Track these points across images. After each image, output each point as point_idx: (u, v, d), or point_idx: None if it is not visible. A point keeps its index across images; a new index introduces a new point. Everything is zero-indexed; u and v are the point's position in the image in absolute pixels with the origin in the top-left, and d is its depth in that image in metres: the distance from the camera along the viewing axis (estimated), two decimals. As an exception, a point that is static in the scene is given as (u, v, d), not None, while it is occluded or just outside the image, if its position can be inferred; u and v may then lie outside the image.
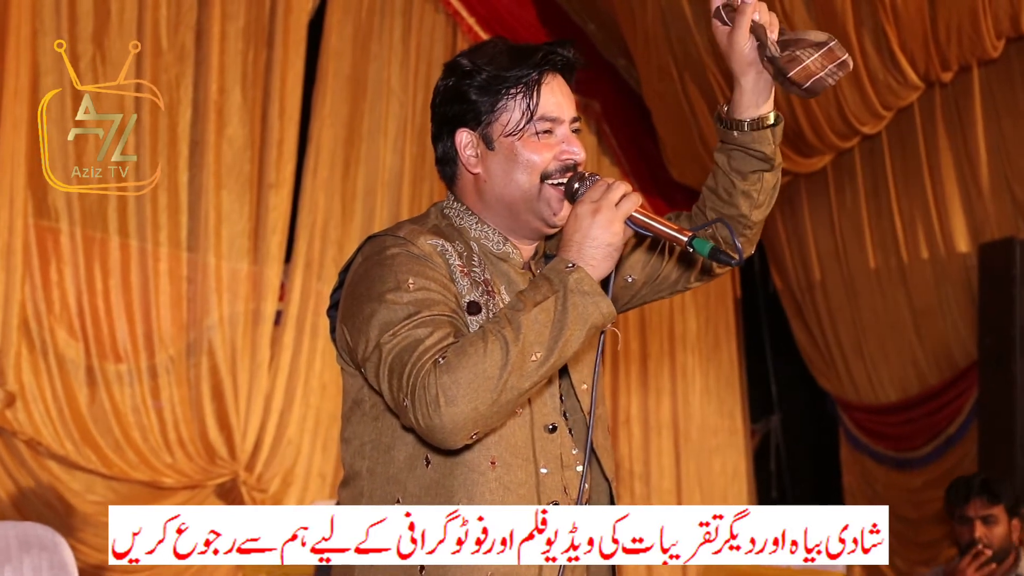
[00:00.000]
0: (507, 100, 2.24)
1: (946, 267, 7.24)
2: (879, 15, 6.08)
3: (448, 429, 1.98)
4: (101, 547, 4.70)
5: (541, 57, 2.28)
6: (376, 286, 2.11)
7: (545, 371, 2.03)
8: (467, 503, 2.11)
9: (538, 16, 6.91)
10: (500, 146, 2.25)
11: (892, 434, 7.54)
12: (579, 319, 2.04)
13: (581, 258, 2.07)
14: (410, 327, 2.03)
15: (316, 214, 5.62)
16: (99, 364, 4.78)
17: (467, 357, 1.97)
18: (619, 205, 2.10)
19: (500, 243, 2.28)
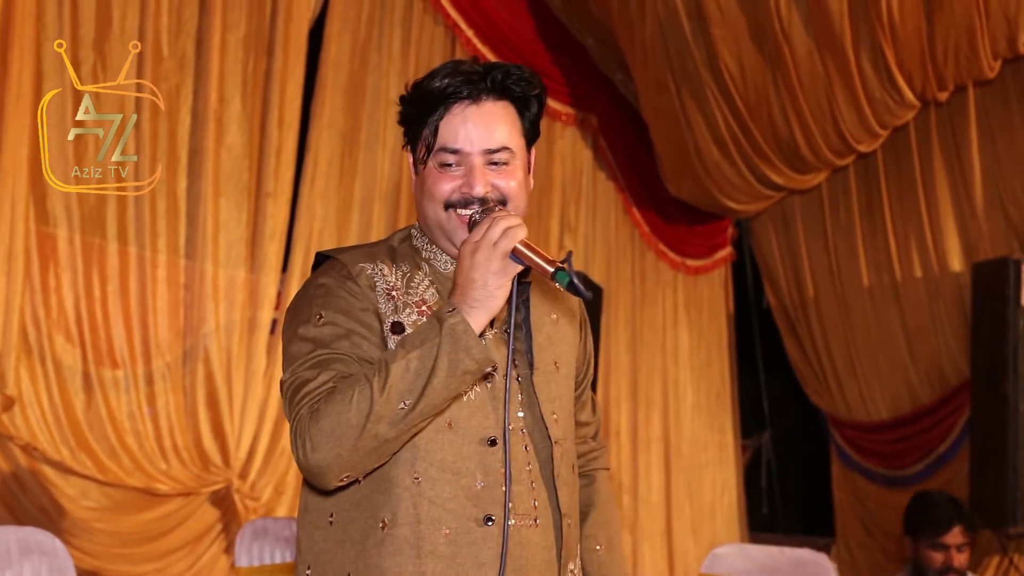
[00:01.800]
0: (419, 127, 2.30)
1: (939, 286, 7.29)
2: (877, 34, 6.12)
3: (314, 472, 2.11)
4: (95, 553, 4.70)
5: (449, 84, 2.27)
6: (295, 319, 2.27)
7: (414, 418, 2.08)
8: (390, 517, 2.17)
9: (536, 29, 6.95)
10: (419, 172, 2.33)
11: (884, 452, 7.58)
12: (449, 366, 2.06)
13: (464, 300, 2.09)
14: (304, 367, 2.16)
15: (313, 223, 5.63)
16: (96, 370, 4.77)
17: (333, 405, 2.06)
18: (498, 243, 2.08)
19: (447, 262, 2.33)
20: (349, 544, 2.18)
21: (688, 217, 7.75)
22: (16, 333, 4.48)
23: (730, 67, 6.49)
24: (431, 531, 2.17)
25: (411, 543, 2.16)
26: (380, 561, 2.15)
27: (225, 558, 5.07)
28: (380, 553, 2.16)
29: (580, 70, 7.24)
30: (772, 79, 6.49)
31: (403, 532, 2.16)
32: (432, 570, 2.16)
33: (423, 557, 2.16)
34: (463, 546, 2.18)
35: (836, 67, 6.34)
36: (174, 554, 5.00)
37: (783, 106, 6.58)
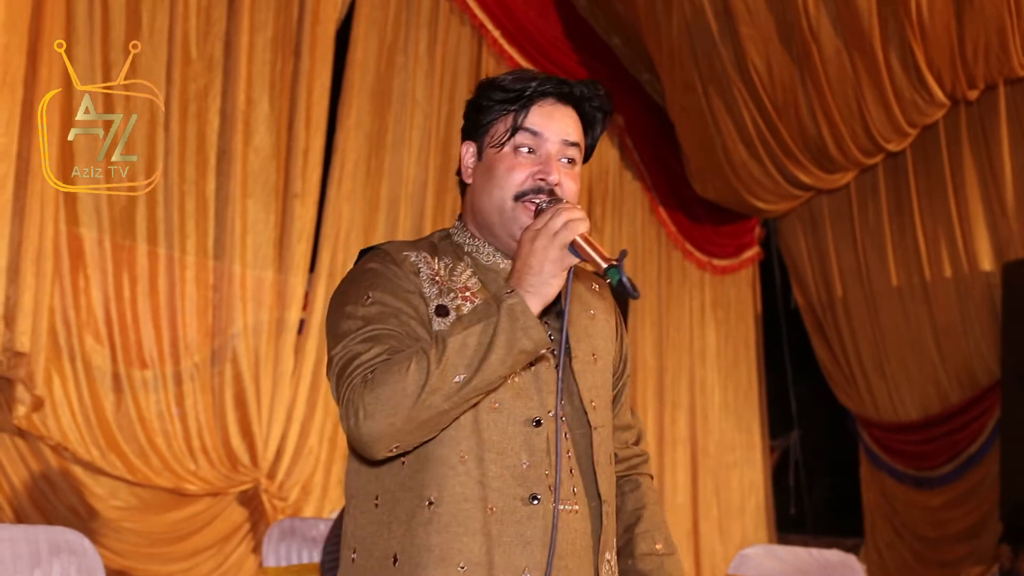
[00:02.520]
0: (501, 114, 2.31)
1: (969, 285, 7.27)
2: (906, 32, 6.11)
3: (365, 441, 2.09)
4: (124, 552, 4.74)
5: (544, 80, 2.32)
6: (342, 300, 2.24)
7: (468, 392, 2.09)
8: (437, 495, 2.16)
9: (563, 30, 6.95)
10: (486, 157, 2.32)
11: (912, 452, 7.56)
12: (505, 344, 2.08)
13: (521, 284, 2.12)
14: (355, 341, 2.15)
15: (340, 224, 5.65)
16: (125, 371, 4.81)
17: (390, 374, 2.06)
18: (559, 233, 2.11)
19: (490, 255, 2.35)
20: (396, 524, 2.18)
21: (715, 217, 7.75)
22: (46, 334, 4.51)
23: (758, 66, 6.49)
24: (477, 509, 2.17)
25: (458, 520, 2.16)
26: (427, 539, 2.15)
27: (253, 558, 5.10)
28: (427, 531, 2.15)
29: (606, 70, 7.24)
30: (800, 78, 6.48)
31: (449, 510, 2.16)
32: (478, 547, 2.16)
33: (470, 535, 2.16)
34: (509, 524, 2.19)
35: (865, 66, 6.32)
36: (202, 554, 5.03)
37: (811, 105, 6.57)
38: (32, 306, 4.43)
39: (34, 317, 4.43)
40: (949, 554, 7.18)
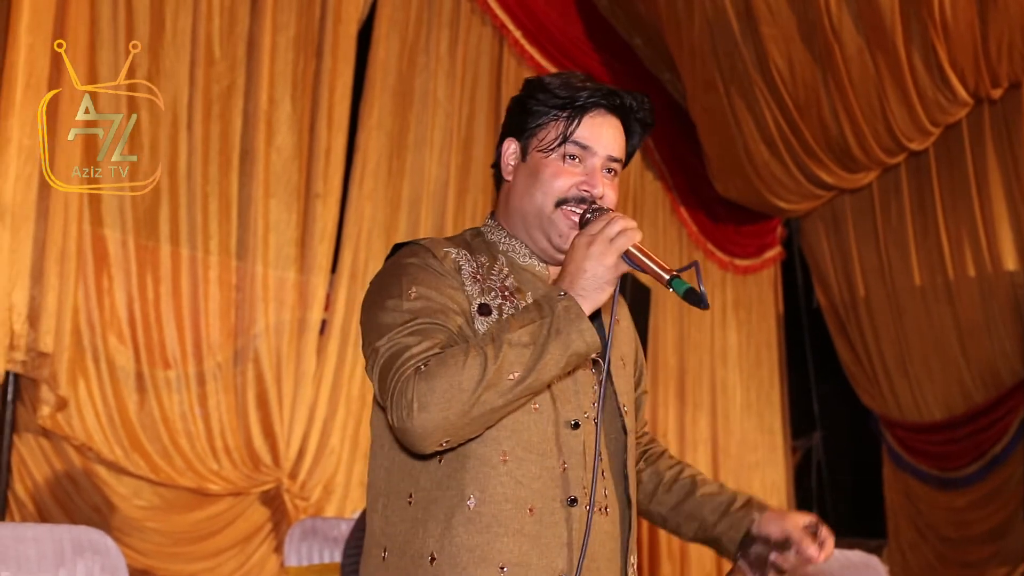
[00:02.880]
0: (551, 119, 2.33)
1: (993, 285, 7.25)
2: (929, 31, 6.09)
3: (417, 433, 2.05)
4: (147, 551, 4.76)
5: (595, 90, 2.33)
6: (383, 293, 2.21)
7: (521, 390, 2.08)
8: (479, 495, 2.16)
9: (584, 30, 6.96)
10: (531, 159, 2.34)
11: (937, 453, 7.55)
12: (560, 345, 2.09)
13: (573, 287, 2.12)
14: (403, 334, 2.12)
15: (362, 224, 5.67)
16: (149, 371, 4.82)
17: (446, 368, 2.04)
18: (615, 240, 2.13)
19: (526, 256, 2.35)
20: (432, 523, 2.16)
21: (736, 217, 7.74)
22: (69, 334, 4.53)
23: (779, 66, 6.48)
24: (518, 510, 2.17)
25: (499, 521, 2.16)
26: (467, 539, 2.14)
27: (275, 557, 5.11)
28: (467, 531, 2.15)
29: (627, 70, 7.25)
30: (822, 78, 6.48)
31: (491, 510, 2.16)
32: (519, 548, 2.16)
33: (510, 535, 2.16)
34: (548, 526, 2.20)
35: (887, 65, 6.31)
36: (224, 553, 5.05)
37: (833, 105, 6.57)
38: (56, 307, 4.45)
39: (57, 318, 4.45)
40: (973, 555, 7.17)
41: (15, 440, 4.48)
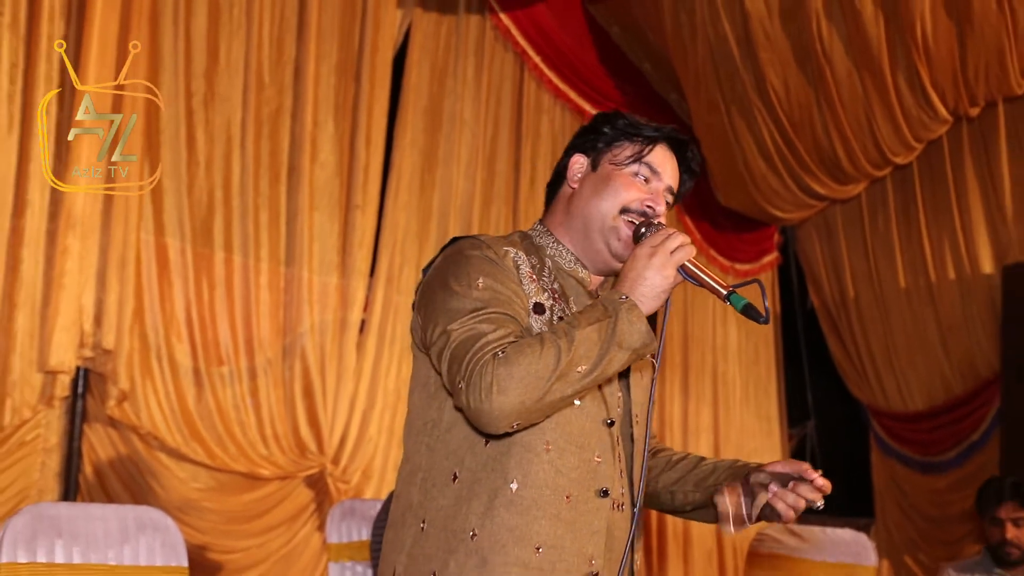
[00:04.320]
0: (626, 140, 2.34)
1: (971, 287, 7.22)
2: (912, 55, 6.08)
3: (495, 415, 2.03)
4: (204, 529, 4.79)
5: (668, 129, 2.37)
6: (451, 281, 2.17)
7: (587, 383, 2.09)
8: (522, 479, 2.15)
9: (598, 56, 6.96)
10: (602, 169, 2.34)
11: (919, 440, 7.52)
12: (624, 344, 2.09)
13: (633, 293, 2.13)
14: (476, 320, 2.10)
15: (396, 233, 5.69)
16: (205, 366, 4.86)
17: (524, 356, 2.02)
18: (674, 253, 2.14)
19: (571, 262, 2.34)
20: (476, 502, 2.14)
21: (737, 225, 7.72)
22: (134, 334, 4.56)
23: (776, 88, 6.47)
24: (556, 496, 2.16)
25: (538, 505, 2.15)
26: (508, 519, 2.13)
27: (318, 535, 5.13)
28: (508, 512, 2.13)
29: (638, 92, 7.24)
30: (815, 98, 6.47)
31: (531, 494, 2.14)
32: (554, 532, 2.15)
33: (548, 519, 2.15)
34: (582, 513, 2.19)
35: (874, 86, 6.30)
36: (273, 531, 5.07)
37: (825, 122, 6.55)
38: (118, 308, 4.49)
39: (119, 318, 4.48)
40: (952, 533, 7.14)
41: (85, 429, 4.51)
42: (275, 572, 5.03)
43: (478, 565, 2.12)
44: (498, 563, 2.12)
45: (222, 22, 5.01)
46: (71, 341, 4.33)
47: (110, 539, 3.21)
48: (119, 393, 4.49)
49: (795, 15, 6.20)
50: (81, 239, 4.36)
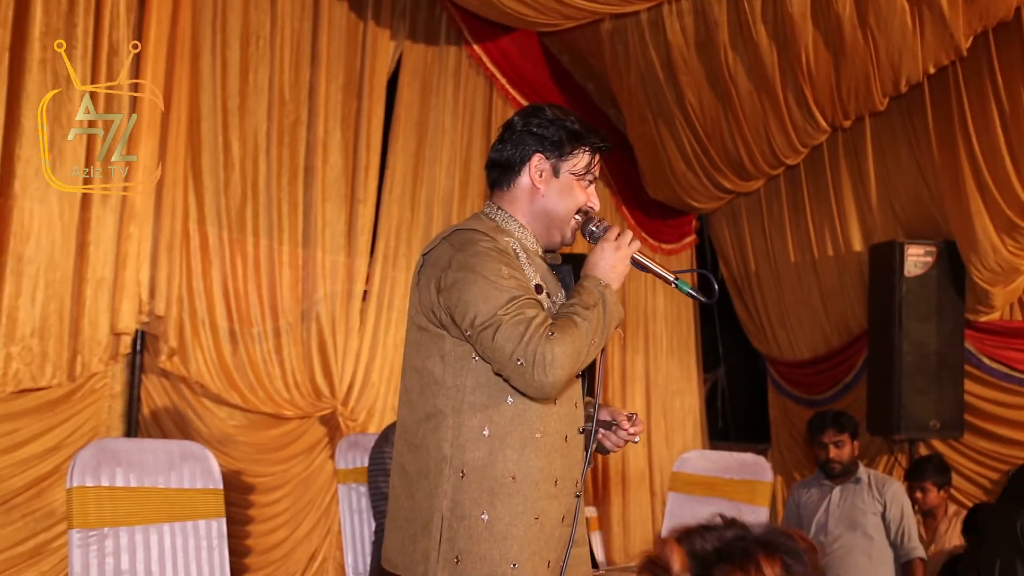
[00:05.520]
0: (582, 152, 2.32)
1: (845, 261, 7.28)
2: (799, 78, 6.11)
3: (555, 385, 2.04)
4: (238, 458, 4.79)
5: (601, 140, 2.37)
6: (478, 270, 2.10)
7: (597, 352, 2.16)
8: (543, 428, 2.16)
9: (552, 77, 6.94)
10: (565, 178, 2.31)
11: (805, 382, 7.59)
12: (612, 319, 2.17)
13: (607, 278, 2.20)
14: (519, 306, 2.06)
15: (392, 221, 5.67)
16: (239, 328, 4.84)
17: (568, 335, 2.04)
18: (629, 247, 2.25)
19: (533, 243, 2.32)
20: (509, 450, 2.12)
21: (663, 213, 7.74)
22: (176, 302, 4.52)
23: (692, 104, 6.48)
24: (559, 438, 2.20)
25: (554, 447, 2.18)
26: (536, 461, 2.14)
27: (330, 463, 5.14)
28: (536, 455, 2.14)
29: (583, 107, 7.23)
30: (723, 112, 6.48)
31: (550, 440, 2.17)
32: (563, 465, 2.20)
33: (560, 457, 2.19)
34: (572, 448, 2.24)
35: (769, 103, 6.32)
36: (294, 460, 5.07)
37: (731, 132, 6.57)
38: (167, 282, 4.46)
39: (168, 290, 4.46)
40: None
41: (143, 379, 4.49)
42: (296, 493, 5.04)
43: (521, 502, 2.12)
44: (534, 497, 2.14)
45: (250, 51, 4.96)
46: (132, 309, 4.31)
47: (159, 467, 3.20)
48: (169, 350, 4.48)
49: (707, 46, 6.21)
50: (139, 227, 4.34)
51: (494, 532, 2.09)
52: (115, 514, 3.03)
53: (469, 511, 2.11)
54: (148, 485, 3.15)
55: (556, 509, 2.17)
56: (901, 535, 4.91)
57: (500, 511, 2.10)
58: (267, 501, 4.89)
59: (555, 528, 2.17)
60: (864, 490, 5.03)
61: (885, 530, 4.96)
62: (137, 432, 4.42)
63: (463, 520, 2.10)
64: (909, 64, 5.93)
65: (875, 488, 5.01)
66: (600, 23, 6.39)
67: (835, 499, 5.07)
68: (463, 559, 2.08)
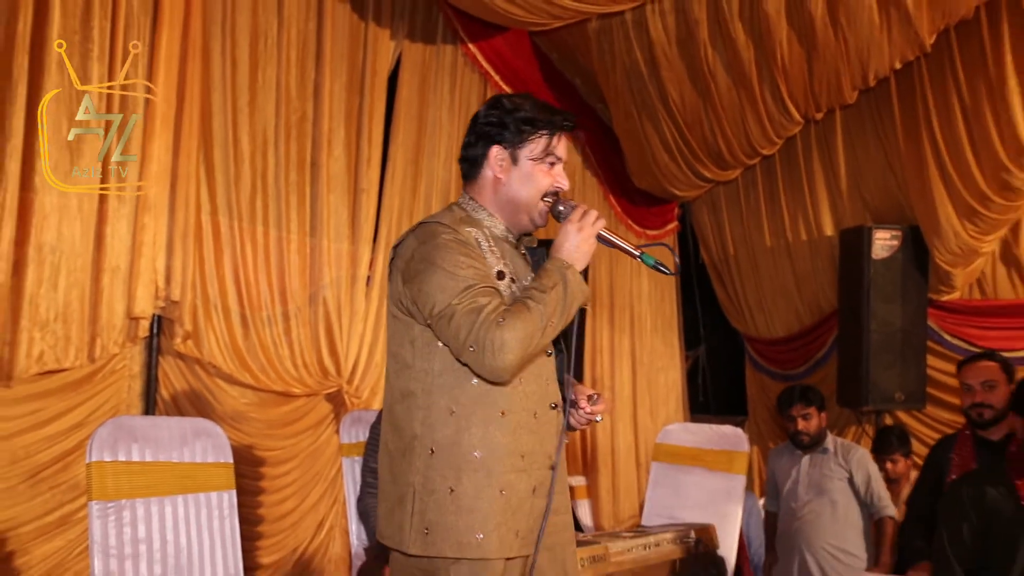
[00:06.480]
0: (537, 136, 2.25)
1: (817, 246, 7.27)
2: (775, 73, 6.07)
3: (506, 369, 2.03)
4: (251, 433, 4.76)
5: (562, 118, 2.29)
6: (438, 262, 2.10)
7: (556, 331, 2.10)
8: (507, 406, 2.13)
9: (542, 74, 6.89)
10: (523, 165, 2.25)
11: (780, 359, 7.59)
12: (574, 299, 2.10)
13: (571, 259, 2.13)
14: (472, 295, 2.05)
15: (392, 210, 5.62)
16: (250, 312, 4.80)
17: (519, 320, 2.01)
18: (593, 225, 2.16)
19: (503, 230, 2.28)
20: (475, 428, 2.11)
21: (647, 201, 7.70)
22: (191, 288, 4.49)
23: (675, 98, 6.44)
24: (527, 415, 2.17)
25: (519, 424, 2.15)
26: (500, 438, 2.12)
27: (336, 437, 5.11)
28: (501, 432, 2.12)
29: (572, 101, 7.18)
30: (703, 106, 6.44)
31: (515, 417, 2.14)
32: (531, 441, 2.16)
33: (527, 433, 2.16)
34: (543, 424, 2.20)
35: (747, 97, 6.28)
36: (302, 434, 5.05)
37: (711, 124, 6.54)
38: (181, 269, 4.43)
39: (182, 276, 4.43)
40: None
41: (160, 360, 4.46)
42: (304, 465, 5.02)
43: (485, 476, 2.11)
44: (498, 471, 2.12)
45: (259, 51, 4.90)
46: (148, 294, 4.28)
47: (173, 443, 3.18)
48: (184, 333, 4.45)
49: (688, 44, 6.16)
50: (154, 218, 4.30)
51: (460, 505, 2.09)
52: (132, 487, 3.00)
53: (438, 486, 2.11)
54: (163, 460, 3.12)
55: (525, 482, 2.14)
56: (871, 497, 4.95)
57: (466, 485, 2.10)
58: (277, 473, 4.87)
59: (524, 500, 2.14)
60: (831, 458, 5.05)
61: (854, 494, 4.98)
62: (155, 410, 4.39)
63: (432, 494, 2.11)
64: (877, 60, 5.90)
65: (841, 456, 5.04)
66: (587, 23, 6.34)
67: (804, 467, 5.10)
68: (432, 530, 2.10)
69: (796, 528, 5.07)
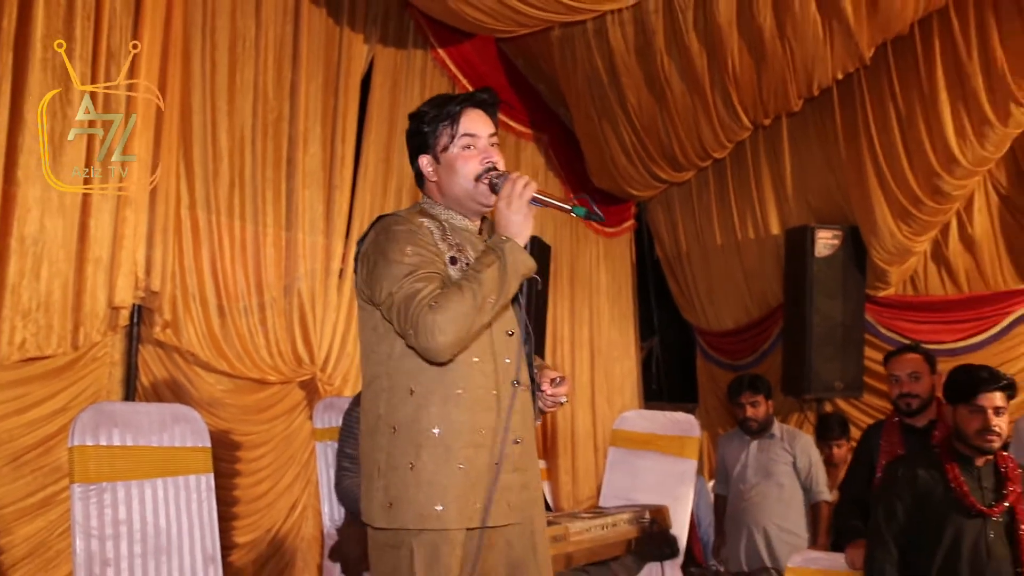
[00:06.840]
0: (440, 129, 2.24)
1: (765, 244, 7.36)
2: (726, 81, 6.13)
3: (441, 350, 2.04)
4: (226, 418, 4.72)
5: (460, 99, 2.27)
6: (387, 252, 2.12)
7: (497, 308, 2.08)
8: (464, 386, 2.13)
9: (508, 79, 6.90)
10: (443, 160, 2.25)
11: (729, 349, 7.67)
12: (514, 272, 2.08)
13: (509, 232, 2.11)
14: (412, 280, 2.07)
15: (365, 206, 5.60)
16: (227, 303, 4.77)
17: (451, 301, 2.01)
18: (522, 194, 2.11)
19: (460, 219, 2.28)
20: (434, 407, 2.12)
21: (606, 200, 7.75)
22: (170, 279, 4.44)
23: (632, 104, 6.48)
24: (486, 393, 2.16)
25: (477, 401, 2.15)
26: (459, 416, 2.12)
27: (308, 423, 5.09)
28: (458, 410, 2.12)
29: (536, 106, 7.20)
30: (659, 111, 6.49)
31: (472, 395, 2.14)
32: (490, 418, 2.16)
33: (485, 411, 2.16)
34: (503, 400, 2.19)
35: (700, 103, 6.34)
36: (277, 419, 5.03)
37: (666, 128, 6.59)
38: (161, 261, 4.38)
39: (162, 267, 4.38)
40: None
41: (140, 349, 4.41)
42: (278, 450, 4.99)
43: (444, 452, 2.12)
44: (456, 447, 2.12)
45: (237, 53, 4.86)
46: (129, 285, 4.22)
47: (152, 427, 3.15)
48: (163, 322, 4.41)
49: (645, 52, 6.20)
50: (135, 212, 4.24)
51: (421, 479, 2.10)
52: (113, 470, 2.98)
53: (399, 462, 2.12)
54: (143, 444, 3.09)
55: (485, 456, 2.14)
56: (810, 481, 5.04)
57: (425, 461, 2.11)
58: (252, 457, 4.84)
59: (483, 474, 2.14)
60: (777, 443, 5.13)
61: (796, 477, 5.05)
62: (135, 396, 4.34)
63: (395, 470, 2.12)
64: (820, 70, 5.99)
65: (786, 441, 5.12)
66: (550, 31, 6.35)
67: (752, 452, 5.17)
68: (395, 504, 2.11)
69: (744, 508, 5.14)
